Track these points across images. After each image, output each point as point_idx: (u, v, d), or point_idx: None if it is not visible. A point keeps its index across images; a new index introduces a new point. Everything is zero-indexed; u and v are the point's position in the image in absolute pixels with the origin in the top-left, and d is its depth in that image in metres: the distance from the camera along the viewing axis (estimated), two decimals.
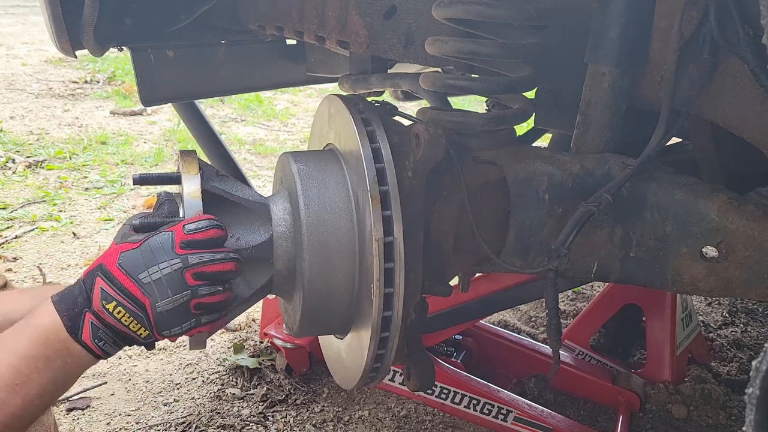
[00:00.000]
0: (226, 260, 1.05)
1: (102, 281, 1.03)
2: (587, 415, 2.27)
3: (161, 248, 1.03)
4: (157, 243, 1.03)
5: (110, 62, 6.65)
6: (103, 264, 1.04)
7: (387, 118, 1.25)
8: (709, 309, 3.02)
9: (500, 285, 2.21)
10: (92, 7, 1.46)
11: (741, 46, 1.01)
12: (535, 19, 1.16)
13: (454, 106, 2.55)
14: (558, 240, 1.12)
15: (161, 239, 1.04)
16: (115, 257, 1.04)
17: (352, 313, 1.24)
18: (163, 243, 1.03)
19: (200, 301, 1.04)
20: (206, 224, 1.05)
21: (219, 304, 1.07)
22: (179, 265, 1.02)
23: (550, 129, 1.91)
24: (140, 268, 1.02)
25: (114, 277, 1.02)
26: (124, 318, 1.03)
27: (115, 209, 3.69)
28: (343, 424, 2.15)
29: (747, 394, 0.68)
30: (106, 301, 1.02)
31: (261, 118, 5.78)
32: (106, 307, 1.02)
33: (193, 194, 1.10)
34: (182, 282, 1.03)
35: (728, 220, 1.11)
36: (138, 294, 1.02)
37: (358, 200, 1.19)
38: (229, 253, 1.06)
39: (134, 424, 2.11)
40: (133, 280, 1.02)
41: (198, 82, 2.03)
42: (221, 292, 1.06)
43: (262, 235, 1.20)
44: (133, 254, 1.03)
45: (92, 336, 1.03)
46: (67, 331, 1.02)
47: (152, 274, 1.02)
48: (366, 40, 1.41)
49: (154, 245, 1.03)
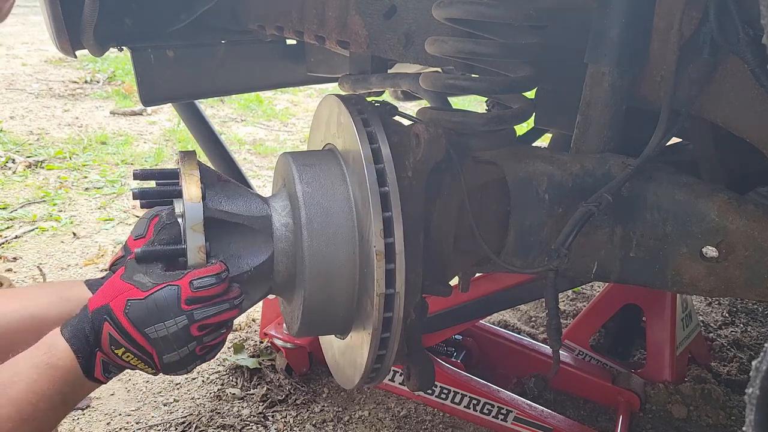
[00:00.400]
0: (230, 309, 1.09)
1: (110, 327, 1.05)
2: (587, 415, 2.27)
3: (167, 306, 1.04)
4: (163, 299, 1.05)
5: (110, 62, 6.65)
6: (111, 308, 1.06)
7: (387, 118, 1.25)
8: (709, 309, 3.02)
9: (500, 285, 2.21)
10: (92, 7, 1.46)
11: (741, 46, 1.02)
12: (535, 19, 1.16)
13: (454, 106, 2.55)
14: (558, 240, 1.12)
15: (167, 295, 1.05)
16: (122, 303, 1.05)
17: (352, 313, 1.24)
18: (169, 300, 1.05)
19: (204, 345, 1.10)
20: (213, 281, 1.07)
21: (221, 342, 1.13)
22: (185, 322, 1.05)
23: (550, 129, 1.91)
24: (147, 323, 1.04)
25: (122, 325, 1.04)
26: (132, 360, 1.08)
27: (115, 209, 3.68)
28: (343, 424, 2.15)
29: (747, 394, 0.68)
30: (115, 347, 1.06)
31: (261, 118, 5.78)
32: (115, 352, 1.06)
33: (196, 228, 1.10)
34: (188, 336, 1.06)
35: (728, 220, 1.11)
36: (146, 346, 1.06)
37: (358, 202, 1.18)
38: (234, 300, 1.09)
39: (134, 424, 2.11)
40: (140, 333, 1.04)
41: (198, 82, 2.03)
42: (224, 333, 1.12)
43: (263, 252, 1.20)
44: (140, 306, 1.05)
45: (103, 371, 1.08)
46: (82, 370, 1.06)
47: (159, 331, 1.04)
48: (366, 40, 1.41)
49: (160, 301, 1.04)
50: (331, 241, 1.18)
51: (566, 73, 1.29)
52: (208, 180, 1.19)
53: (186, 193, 1.12)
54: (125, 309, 1.05)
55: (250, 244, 1.19)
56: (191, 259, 1.09)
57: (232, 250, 1.17)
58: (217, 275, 1.07)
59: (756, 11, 0.81)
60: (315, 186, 1.20)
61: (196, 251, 1.09)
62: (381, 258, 1.11)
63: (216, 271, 1.08)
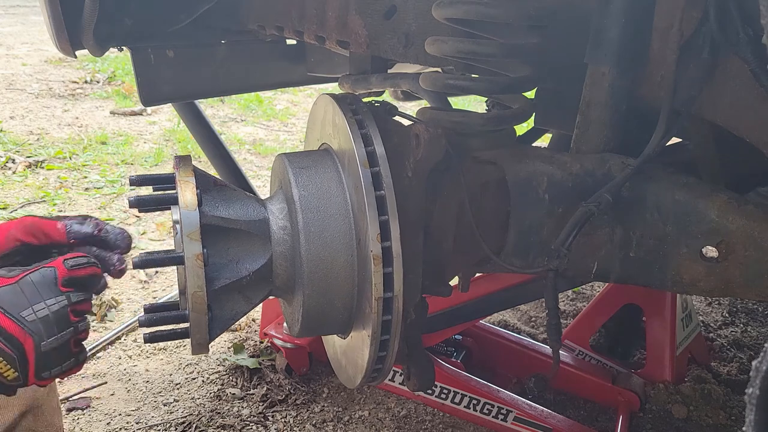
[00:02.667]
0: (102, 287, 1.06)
1: None
2: (587, 415, 2.27)
3: (45, 284, 0.98)
4: (41, 277, 0.98)
5: (110, 62, 6.65)
6: None
7: (385, 118, 1.25)
8: (709, 309, 3.02)
9: (500, 285, 2.21)
10: (92, 7, 1.46)
11: (741, 46, 1.01)
12: (535, 19, 1.16)
13: (454, 106, 2.55)
14: (558, 240, 1.12)
15: (43, 274, 0.99)
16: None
17: (352, 314, 1.24)
18: (47, 278, 0.99)
19: (78, 335, 1.03)
20: (85, 261, 1.03)
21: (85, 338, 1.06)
22: (64, 302, 0.99)
23: (550, 129, 1.91)
24: (23, 306, 0.96)
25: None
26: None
27: (115, 209, 3.69)
28: (343, 424, 2.15)
29: (747, 394, 0.68)
30: None
31: (261, 118, 5.78)
32: None
33: (193, 236, 1.09)
34: (67, 318, 0.99)
35: (728, 220, 1.11)
36: (18, 334, 0.95)
37: (355, 205, 1.18)
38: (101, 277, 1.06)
39: (134, 424, 2.11)
40: (14, 317, 0.95)
41: (198, 82, 2.04)
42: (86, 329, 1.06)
43: (262, 256, 1.19)
44: (11, 290, 0.96)
45: None
46: None
47: (38, 312, 0.96)
48: (366, 40, 1.41)
49: (37, 280, 0.98)
50: (328, 245, 1.18)
51: (566, 73, 1.29)
52: (204, 185, 1.18)
53: (182, 201, 1.12)
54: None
55: (249, 249, 1.19)
56: (189, 267, 1.09)
57: (230, 255, 1.17)
58: (88, 258, 1.04)
59: (756, 11, 0.81)
60: (311, 189, 1.20)
61: (194, 259, 1.09)
62: (378, 262, 1.11)
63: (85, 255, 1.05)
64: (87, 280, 1.04)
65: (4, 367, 0.96)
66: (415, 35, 1.34)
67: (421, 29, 1.33)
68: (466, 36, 1.20)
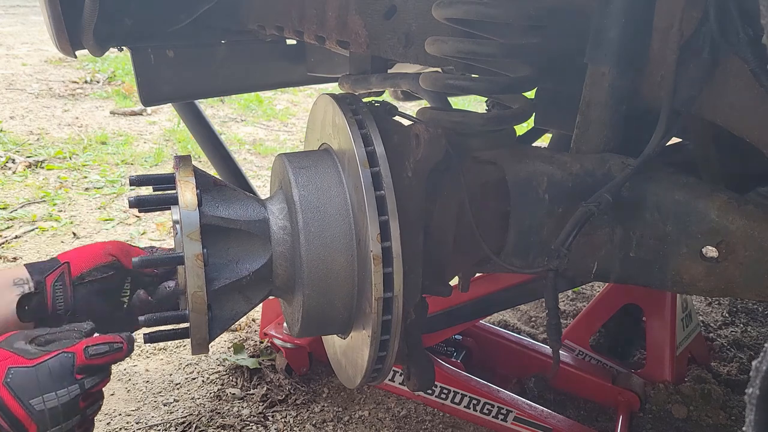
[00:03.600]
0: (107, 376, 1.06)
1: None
2: (587, 415, 2.27)
3: (61, 374, 0.99)
4: (58, 366, 0.99)
5: (110, 62, 6.65)
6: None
7: (385, 118, 1.25)
8: (709, 309, 3.02)
9: (500, 285, 2.21)
10: (92, 7, 1.46)
11: (741, 46, 1.01)
12: (535, 19, 1.16)
13: (454, 106, 2.55)
14: (558, 240, 1.12)
15: (62, 362, 0.99)
16: (2, 371, 0.97)
17: (352, 314, 1.24)
18: (64, 367, 0.99)
19: (85, 419, 1.05)
20: (107, 349, 1.04)
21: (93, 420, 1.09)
22: (77, 392, 1.00)
23: (550, 129, 1.91)
24: (34, 394, 0.97)
25: (0, 397, 0.95)
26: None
27: (115, 209, 3.68)
28: (343, 424, 2.15)
29: (747, 394, 0.68)
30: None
31: (261, 118, 5.78)
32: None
33: (193, 236, 1.09)
34: (76, 407, 1.01)
35: (728, 220, 1.11)
36: (24, 420, 0.97)
37: (355, 205, 1.18)
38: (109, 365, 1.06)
39: (134, 424, 2.11)
40: (23, 405, 0.96)
41: (198, 82, 2.04)
42: (99, 406, 1.08)
43: (262, 256, 1.20)
44: (27, 375, 0.97)
45: None
46: None
47: (48, 402, 0.97)
48: (366, 40, 1.41)
49: (54, 369, 0.98)
50: (328, 245, 1.18)
51: (566, 73, 1.29)
52: (204, 185, 1.18)
53: (182, 201, 1.12)
54: (5, 378, 0.96)
55: (248, 249, 1.19)
56: (189, 267, 1.09)
57: (230, 255, 1.17)
58: (109, 344, 1.04)
59: (756, 11, 0.81)
60: (311, 189, 1.20)
61: (194, 259, 1.09)
62: (378, 262, 1.11)
63: (110, 340, 1.05)
64: (106, 366, 1.05)
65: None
66: (415, 35, 1.34)
67: (421, 29, 1.33)
68: (466, 36, 1.20)
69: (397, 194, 1.14)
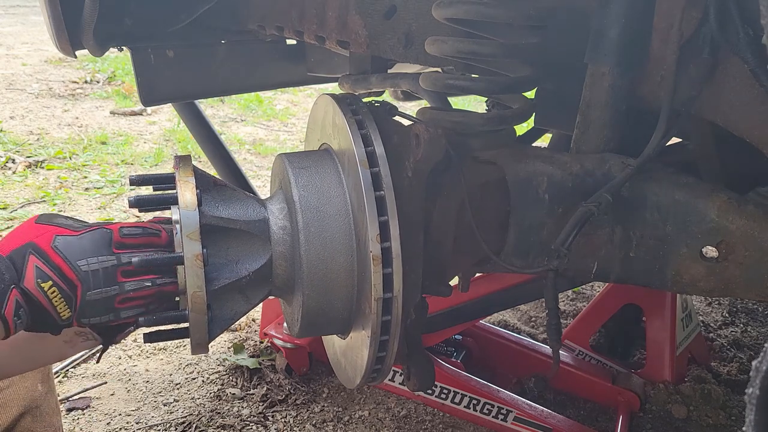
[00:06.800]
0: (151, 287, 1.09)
1: (37, 260, 1.04)
2: (587, 415, 2.27)
3: (101, 243, 1.08)
4: (100, 237, 1.08)
5: (110, 62, 6.65)
6: (37, 244, 1.06)
7: (385, 118, 1.25)
8: (709, 309, 3.02)
9: (500, 285, 2.21)
10: (92, 7, 1.46)
11: (741, 46, 1.01)
12: (535, 19, 1.16)
13: (454, 106, 2.55)
14: (558, 240, 1.12)
15: (102, 234, 1.09)
16: (49, 238, 1.06)
17: (352, 314, 1.24)
18: (105, 239, 1.08)
19: (125, 296, 1.09)
20: (139, 231, 1.11)
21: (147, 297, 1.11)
22: (113, 262, 1.07)
23: (550, 129, 1.91)
24: (80, 256, 1.05)
25: (50, 258, 1.05)
26: (56, 298, 1.05)
27: (115, 209, 3.69)
28: (343, 424, 2.15)
29: (747, 394, 0.68)
30: (42, 279, 1.04)
31: (261, 118, 5.78)
32: (42, 286, 1.04)
33: (192, 236, 1.10)
34: (114, 277, 1.07)
35: (728, 220, 1.11)
36: (74, 278, 1.05)
37: (354, 206, 1.18)
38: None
39: (134, 424, 2.11)
40: (71, 264, 1.05)
41: (198, 82, 2.03)
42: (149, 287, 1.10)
43: (261, 256, 1.19)
44: (73, 241, 1.06)
45: (14, 313, 1.03)
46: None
47: (91, 264, 1.05)
48: (366, 40, 1.41)
49: (96, 239, 1.08)
50: (328, 246, 1.18)
51: (566, 73, 1.29)
52: (204, 185, 1.18)
53: (181, 201, 1.12)
54: (53, 243, 1.05)
55: (248, 249, 1.19)
56: (188, 267, 1.09)
57: (230, 255, 1.17)
58: (143, 227, 1.11)
59: (756, 11, 0.81)
60: (311, 190, 1.20)
61: (194, 259, 1.09)
62: (378, 262, 1.11)
63: (145, 225, 1.12)
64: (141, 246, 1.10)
65: (63, 306, 1.05)
66: (415, 35, 1.34)
67: (421, 29, 1.33)
68: (466, 36, 1.20)
69: (396, 194, 1.14)
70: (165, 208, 1.20)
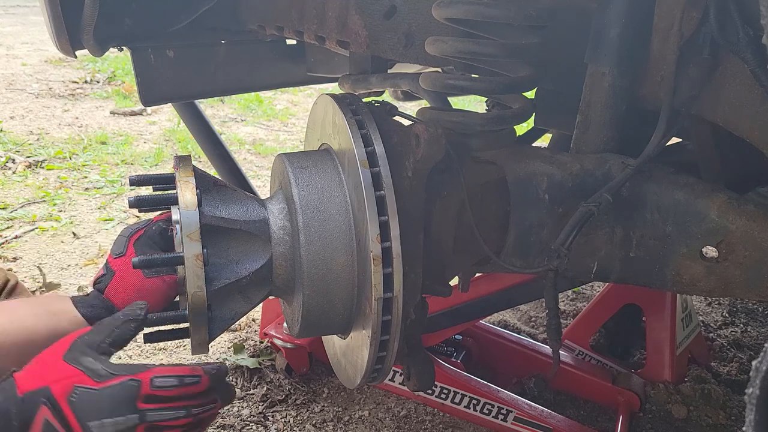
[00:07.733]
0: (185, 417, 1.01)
1: (48, 413, 0.96)
2: (587, 415, 2.27)
3: (124, 401, 0.98)
4: (123, 393, 0.98)
5: (110, 62, 6.65)
6: (53, 393, 0.97)
7: (385, 118, 1.25)
8: (709, 309, 3.02)
9: (500, 285, 2.20)
10: (92, 7, 1.46)
11: (741, 46, 1.01)
12: (535, 19, 1.16)
13: (454, 106, 2.55)
14: (558, 240, 1.12)
15: (126, 389, 0.98)
16: (68, 388, 0.97)
17: (352, 314, 1.24)
18: (129, 394, 0.98)
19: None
20: (175, 383, 1.01)
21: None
22: (135, 422, 0.98)
23: (550, 129, 1.91)
24: (93, 417, 0.97)
25: (62, 412, 0.96)
26: None
27: (115, 209, 3.68)
28: (343, 424, 2.15)
29: (747, 394, 0.68)
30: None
31: (261, 118, 5.78)
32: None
33: (193, 236, 1.09)
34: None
35: (728, 220, 1.11)
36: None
37: (355, 206, 1.18)
38: (191, 408, 1.02)
39: None
40: (82, 425, 0.97)
41: (198, 82, 2.04)
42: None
43: (262, 257, 1.19)
44: (93, 397, 0.97)
45: None
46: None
47: (105, 427, 0.97)
48: (366, 40, 1.41)
49: (118, 395, 0.98)
50: (328, 246, 1.18)
51: (566, 73, 1.29)
52: (204, 185, 1.18)
53: (181, 201, 1.12)
54: (71, 396, 0.97)
55: (249, 249, 1.19)
56: (188, 267, 1.09)
57: (230, 255, 1.17)
58: (179, 377, 1.01)
59: (756, 11, 0.81)
60: (311, 190, 1.20)
61: (194, 259, 1.09)
62: (378, 262, 1.11)
63: (182, 373, 1.02)
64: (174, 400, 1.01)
65: None
66: (415, 35, 1.34)
67: (421, 29, 1.33)
68: (466, 36, 1.20)
69: (397, 194, 1.14)
70: (165, 208, 1.20)
